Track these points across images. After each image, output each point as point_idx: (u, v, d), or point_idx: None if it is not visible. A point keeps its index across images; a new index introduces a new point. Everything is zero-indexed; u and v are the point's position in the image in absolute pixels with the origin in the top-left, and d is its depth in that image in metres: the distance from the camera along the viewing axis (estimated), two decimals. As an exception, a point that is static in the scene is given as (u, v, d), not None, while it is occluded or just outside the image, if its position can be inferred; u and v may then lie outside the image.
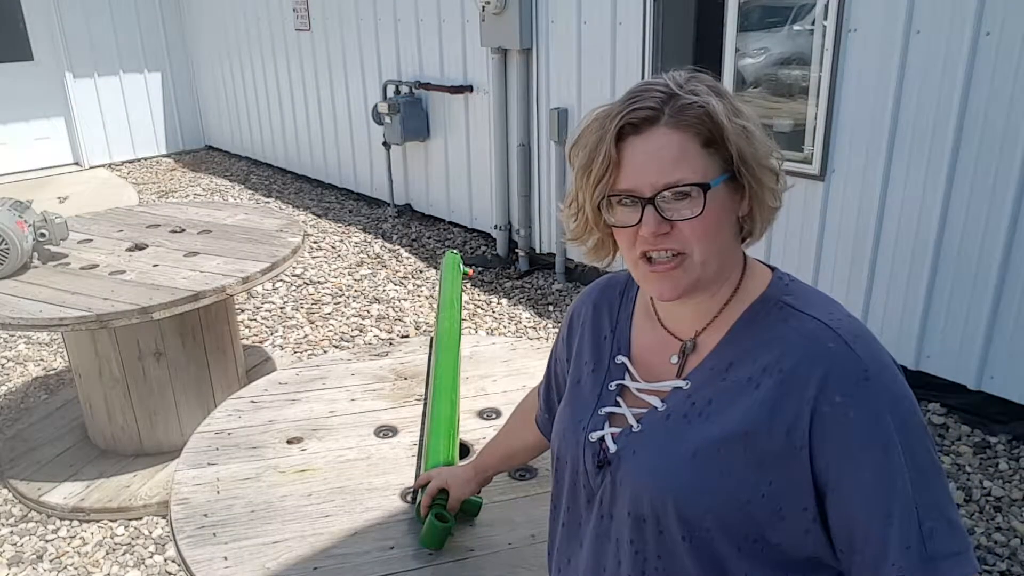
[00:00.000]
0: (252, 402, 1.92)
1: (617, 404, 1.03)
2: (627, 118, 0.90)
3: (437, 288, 4.57)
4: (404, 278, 5.16)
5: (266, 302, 4.84)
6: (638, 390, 1.02)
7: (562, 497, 1.10)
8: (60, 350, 4.25)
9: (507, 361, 2.10)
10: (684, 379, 0.97)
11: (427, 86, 5.69)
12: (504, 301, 4.76)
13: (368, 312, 4.67)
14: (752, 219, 0.96)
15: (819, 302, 0.94)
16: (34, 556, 2.73)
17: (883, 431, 0.84)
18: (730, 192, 0.92)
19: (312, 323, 4.55)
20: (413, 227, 6.10)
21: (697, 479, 0.91)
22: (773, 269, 1.00)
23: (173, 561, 2.70)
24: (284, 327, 4.50)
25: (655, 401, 0.99)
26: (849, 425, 0.85)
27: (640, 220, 0.90)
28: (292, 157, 7.77)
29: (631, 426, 0.99)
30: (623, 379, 1.04)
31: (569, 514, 1.09)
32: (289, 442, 1.75)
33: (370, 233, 6.05)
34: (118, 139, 8.64)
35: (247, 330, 4.45)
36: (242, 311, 4.68)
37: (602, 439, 1.01)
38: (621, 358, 1.06)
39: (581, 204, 0.97)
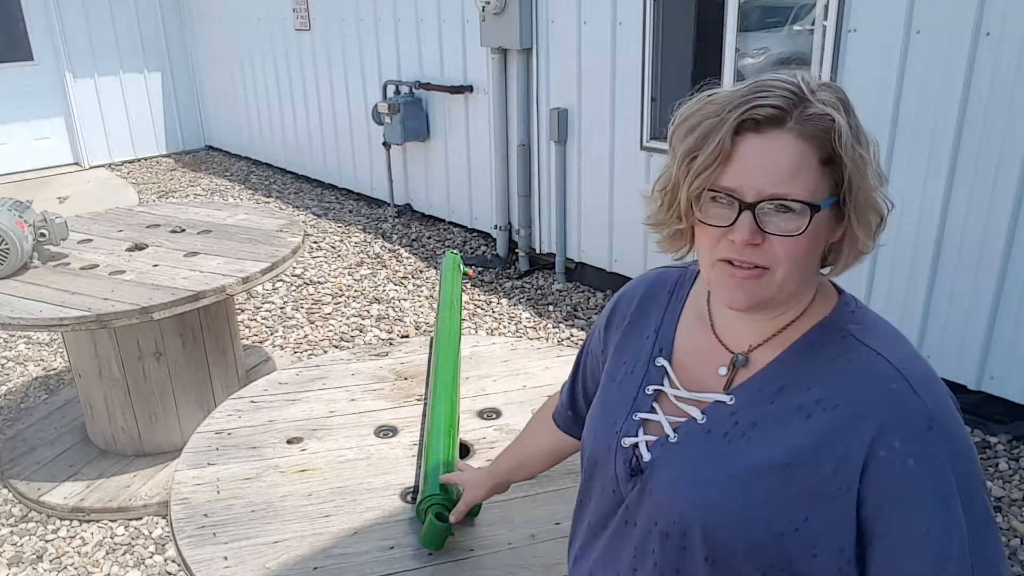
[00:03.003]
0: (252, 402, 1.92)
1: (653, 410, 0.98)
2: (751, 113, 0.82)
3: (437, 288, 4.57)
4: (404, 278, 5.16)
5: (266, 302, 4.84)
6: (676, 397, 0.97)
7: (591, 496, 1.07)
8: (60, 350, 4.25)
9: (507, 361, 2.10)
10: (728, 394, 0.92)
11: (427, 86, 5.69)
12: (504, 301, 4.76)
13: (368, 312, 4.67)
14: (839, 251, 0.89)
15: (885, 336, 0.89)
16: (34, 556, 2.73)
17: (943, 483, 0.80)
18: (829, 218, 0.85)
19: (312, 323, 4.55)
20: (413, 227, 6.10)
21: (731, 503, 0.87)
22: (841, 292, 0.95)
23: (173, 561, 2.70)
24: (284, 327, 4.50)
25: (694, 412, 0.94)
26: (907, 473, 0.80)
27: (733, 223, 0.84)
28: (292, 157, 7.77)
29: (667, 435, 0.95)
30: (661, 384, 0.99)
31: (595, 515, 1.05)
32: (289, 442, 1.75)
33: (370, 233, 6.05)
34: (118, 139, 8.64)
35: (247, 330, 4.45)
36: (242, 311, 4.68)
37: (635, 446, 0.97)
38: (662, 361, 1.01)
39: (672, 190, 0.90)
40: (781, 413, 0.88)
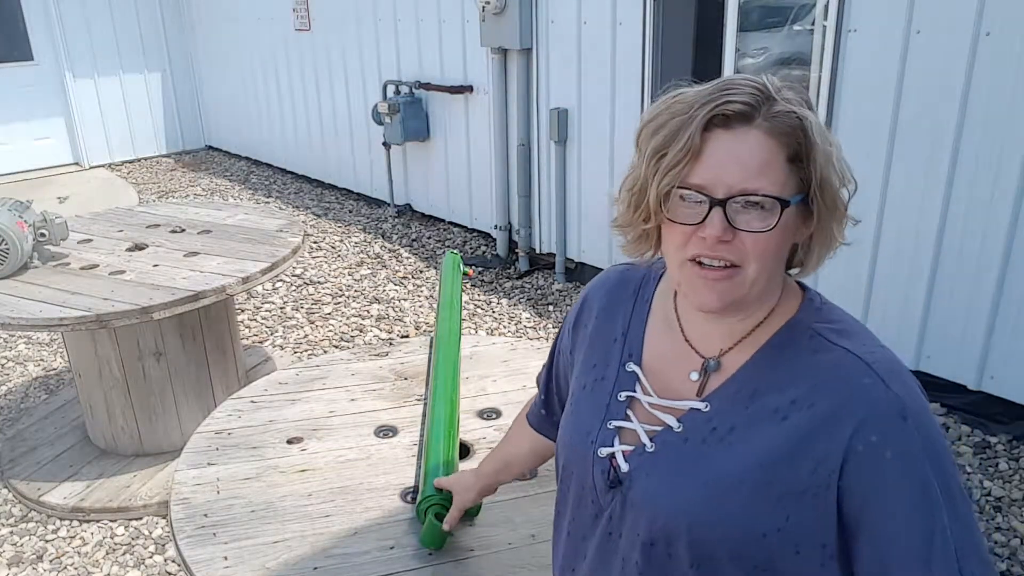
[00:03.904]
0: (252, 402, 1.92)
1: (627, 417, 0.97)
2: (721, 109, 0.82)
3: (437, 288, 4.57)
4: (404, 278, 5.16)
5: (266, 302, 4.84)
6: (651, 405, 0.96)
7: (567, 506, 1.06)
8: (60, 350, 4.25)
9: (507, 361, 2.10)
10: (704, 401, 0.92)
11: (427, 86, 5.69)
12: (504, 301, 4.76)
13: (368, 312, 4.67)
14: (809, 249, 0.90)
15: (851, 331, 0.90)
16: (34, 556, 2.73)
17: (921, 472, 0.82)
18: (797, 215, 0.86)
19: (312, 323, 4.55)
20: (413, 227, 6.10)
21: (714, 508, 0.87)
22: (805, 289, 0.96)
23: (173, 561, 2.70)
24: (284, 327, 4.50)
25: (670, 420, 0.93)
26: (886, 466, 0.82)
27: (704, 221, 0.84)
28: (292, 157, 7.77)
29: (644, 445, 0.94)
30: (633, 390, 0.98)
31: (574, 524, 1.04)
32: (289, 442, 1.75)
33: (370, 233, 6.05)
34: (118, 139, 8.64)
35: (247, 330, 4.45)
36: (242, 311, 4.68)
37: (612, 456, 0.96)
38: (632, 366, 1.00)
39: (639, 190, 0.90)
40: (757, 417, 0.89)
